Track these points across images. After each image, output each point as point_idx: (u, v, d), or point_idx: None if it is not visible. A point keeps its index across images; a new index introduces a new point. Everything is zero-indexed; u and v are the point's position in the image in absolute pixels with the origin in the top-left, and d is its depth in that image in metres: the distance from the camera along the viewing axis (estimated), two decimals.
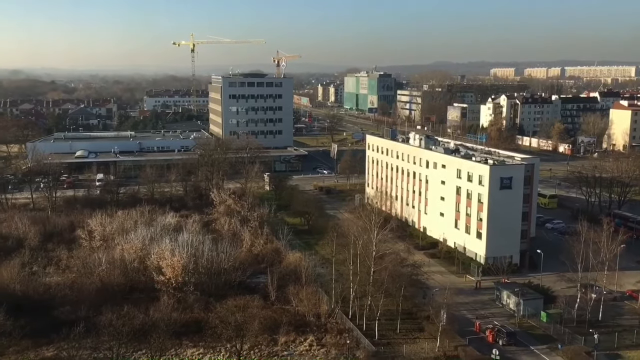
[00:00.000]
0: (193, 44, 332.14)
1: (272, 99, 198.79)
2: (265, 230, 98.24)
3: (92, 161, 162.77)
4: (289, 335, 66.05)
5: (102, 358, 57.21)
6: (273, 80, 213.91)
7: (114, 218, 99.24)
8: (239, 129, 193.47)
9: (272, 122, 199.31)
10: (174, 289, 75.27)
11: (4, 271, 77.73)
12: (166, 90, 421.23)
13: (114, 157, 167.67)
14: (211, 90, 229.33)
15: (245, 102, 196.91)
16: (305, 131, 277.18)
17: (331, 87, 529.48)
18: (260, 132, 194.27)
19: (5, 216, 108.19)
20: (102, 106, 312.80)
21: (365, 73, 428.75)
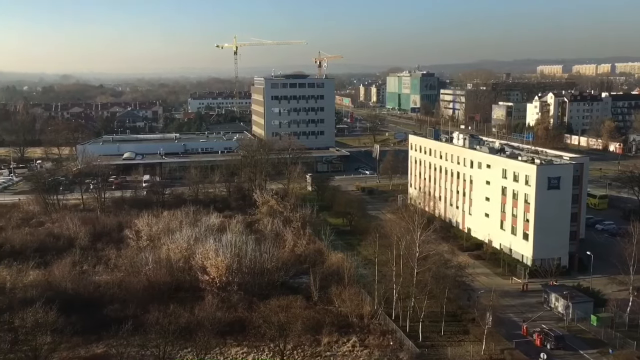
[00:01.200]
0: (236, 46, 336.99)
1: (314, 99, 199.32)
2: (308, 230, 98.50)
3: (139, 163, 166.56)
4: (331, 335, 66.00)
5: (150, 356, 58.29)
6: (315, 81, 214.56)
7: (160, 218, 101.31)
8: (281, 130, 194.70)
9: (314, 122, 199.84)
10: (218, 288, 76.25)
11: (56, 270, 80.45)
12: (210, 92, 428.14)
13: (159, 159, 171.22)
14: (254, 91, 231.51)
15: (287, 103, 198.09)
16: (347, 132, 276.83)
17: (373, 87, 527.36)
18: (302, 133, 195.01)
19: (57, 216, 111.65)
20: (148, 109, 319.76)
21: (408, 72, 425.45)
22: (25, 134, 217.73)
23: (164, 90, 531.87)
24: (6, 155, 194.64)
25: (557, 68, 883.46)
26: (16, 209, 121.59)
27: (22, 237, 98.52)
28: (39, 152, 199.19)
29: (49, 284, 75.92)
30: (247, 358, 62.08)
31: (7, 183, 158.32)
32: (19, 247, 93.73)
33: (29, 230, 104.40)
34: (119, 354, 56.94)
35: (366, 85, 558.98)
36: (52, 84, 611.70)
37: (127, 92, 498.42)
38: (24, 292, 73.44)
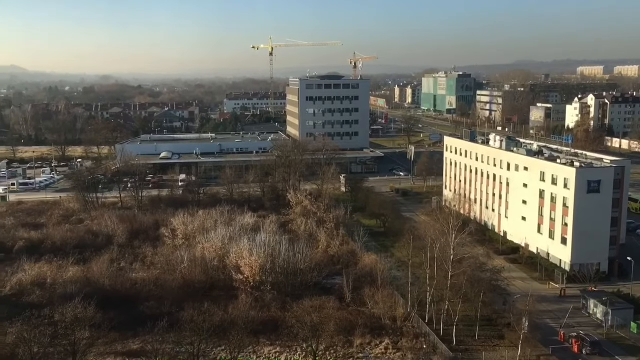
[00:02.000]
0: (271, 47, 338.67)
1: (349, 100, 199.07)
2: (341, 231, 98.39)
3: (175, 162, 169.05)
4: (364, 337, 65.79)
5: (184, 352, 59.02)
6: (349, 81, 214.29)
7: (195, 217, 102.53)
8: (316, 130, 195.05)
9: (348, 123, 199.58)
10: (252, 287, 76.81)
11: (95, 266, 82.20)
12: (245, 92, 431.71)
13: (195, 158, 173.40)
14: (288, 92, 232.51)
15: (321, 104, 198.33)
16: (382, 133, 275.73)
17: (408, 88, 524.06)
18: (337, 134, 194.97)
19: (96, 214, 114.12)
20: (185, 109, 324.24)
21: (444, 73, 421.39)
22: (66, 133, 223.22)
23: (200, 90, 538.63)
24: (48, 153, 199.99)
25: (597, 69, 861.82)
26: (57, 206, 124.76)
27: (63, 233, 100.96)
28: (79, 151, 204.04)
29: (87, 280, 77.59)
30: (279, 357, 62.38)
31: (49, 181, 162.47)
32: (59, 243, 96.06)
33: (69, 227, 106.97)
34: (154, 350, 57.83)
35: (401, 86, 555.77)
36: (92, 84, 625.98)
37: (165, 93, 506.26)
38: (63, 288, 75.18)
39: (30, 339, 56.43)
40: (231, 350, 59.33)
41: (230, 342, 59.53)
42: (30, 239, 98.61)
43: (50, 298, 73.20)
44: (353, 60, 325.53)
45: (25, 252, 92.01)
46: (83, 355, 56.79)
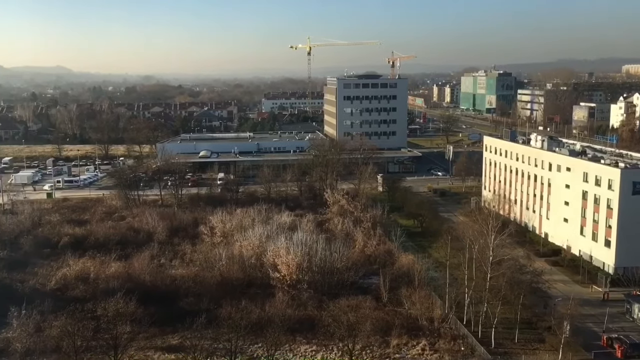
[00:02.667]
0: (309, 47, 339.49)
1: (387, 100, 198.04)
2: (378, 231, 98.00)
3: (214, 161, 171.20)
4: (401, 338, 65.41)
5: (222, 349, 59.76)
6: (387, 81, 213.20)
7: (233, 216, 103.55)
8: (353, 130, 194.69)
9: (386, 123, 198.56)
10: (289, 286, 77.19)
11: (136, 263, 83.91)
12: (283, 92, 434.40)
13: (234, 157, 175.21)
14: (326, 92, 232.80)
15: (359, 104, 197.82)
16: (420, 132, 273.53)
17: (447, 87, 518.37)
18: (374, 133, 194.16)
19: (137, 211, 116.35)
20: (224, 108, 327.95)
21: (483, 72, 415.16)
22: (109, 132, 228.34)
23: (239, 90, 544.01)
24: (92, 152, 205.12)
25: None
26: (100, 204, 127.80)
27: (105, 230, 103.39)
28: (121, 150, 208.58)
29: (129, 276, 79.18)
30: (316, 356, 62.55)
31: (93, 179, 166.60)
32: (102, 239, 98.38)
33: (112, 224, 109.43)
34: (192, 346, 58.66)
35: (440, 85, 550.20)
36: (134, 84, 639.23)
37: (204, 92, 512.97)
38: (106, 283, 76.96)
39: (74, 333, 57.93)
40: (268, 348, 59.77)
41: (267, 340, 59.95)
42: (75, 235, 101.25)
43: (93, 293, 75.08)
44: (391, 60, 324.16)
45: (70, 247, 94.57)
46: (124, 349, 57.98)
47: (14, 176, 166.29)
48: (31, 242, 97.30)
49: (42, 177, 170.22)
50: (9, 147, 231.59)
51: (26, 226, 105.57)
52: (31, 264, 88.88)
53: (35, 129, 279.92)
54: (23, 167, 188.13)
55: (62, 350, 57.80)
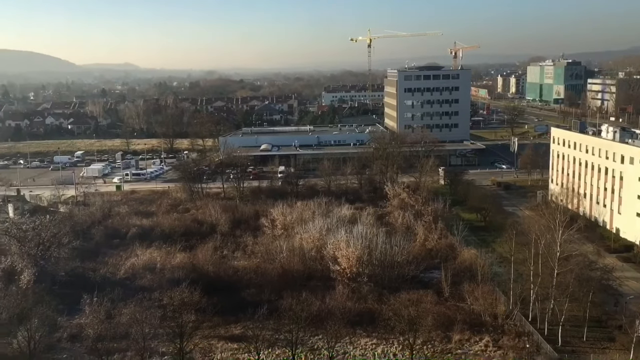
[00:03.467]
0: (370, 39, 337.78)
1: (449, 91, 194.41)
2: (440, 225, 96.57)
3: (275, 154, 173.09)
4: (463, 333, 64.28)
5: (283, 340, 60.55)
6: (449, 72, 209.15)
7: (293, 208, 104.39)
8: (414, 122, 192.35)
9: (447, 115, 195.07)
10: (349, 279, 77.20)
11: (200, 254, 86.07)
12: (343, 85, 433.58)
13: (294, 151, 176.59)
14: (386, 84, 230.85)
15: (420, 96, 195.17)
16: (483, 124, 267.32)
17: (512, 77, 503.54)
18: (436, 126, 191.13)
19: (200, 204, 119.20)
20: (284, 102, 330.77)
21: (551, 61, 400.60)
22: (174, 127, 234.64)
23: (299, 84, 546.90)
24: (158, 146, 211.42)
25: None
26: (166, 196, 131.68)
27: (171, 222, 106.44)
28: (186, 144, 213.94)
29: (193, 267, 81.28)
30: (376, 349, 62.34)
31: (158, 172, 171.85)
32: (168, 231, 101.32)
33: (177, 215, 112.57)
34: (254, 336, 59.61)
35: (504, 76, 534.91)
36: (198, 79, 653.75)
37: (265, 87, 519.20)
38: (171, 273, 79.25)
39: (142, 320, 60.08)
40: (328, 340, 60.03)
41: (328, 332, 60.20)
42: (142, 226, 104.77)
43: (159, 282, 77.46)
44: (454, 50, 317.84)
45: (138, 238, 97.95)
46: (189, 337, 59.60)
47: (86, 169, 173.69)
48: (102, 233, 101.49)
49: (112, 170, 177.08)
50: (81, 142, 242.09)
51: (97, 217, 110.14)
52: (102, 254, 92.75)
53: (105, 123, 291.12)
54: (94, 160, 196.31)
55: (131, 337, 60.03)
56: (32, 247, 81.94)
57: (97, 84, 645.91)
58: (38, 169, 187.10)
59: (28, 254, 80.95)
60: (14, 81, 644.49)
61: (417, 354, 60.36)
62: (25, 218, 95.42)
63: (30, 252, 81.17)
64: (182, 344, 58.31)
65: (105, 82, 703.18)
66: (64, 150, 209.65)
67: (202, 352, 61.39)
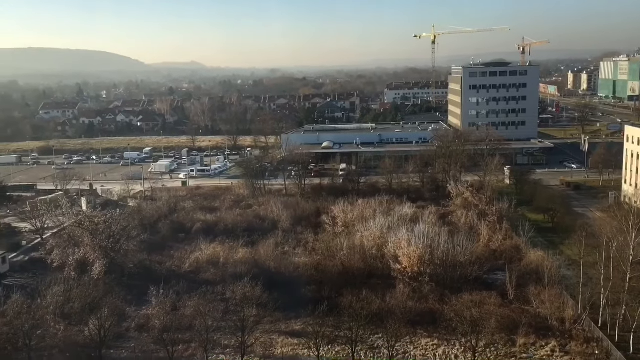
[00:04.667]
0: (434, 35, 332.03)
1: (516, 88, 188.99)
2: (505, 225, 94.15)
3: (336, 152, 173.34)
4: (528, 337, 62.38)
5: (342, 337, 60.59)
6: (517, 68, 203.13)
7: (354, 206, 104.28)
8: (479, 120, 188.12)
9: (514, 112, 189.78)
10: (410, 278, 76.39)
11: (262, 249, 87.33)
12: (406, 82, 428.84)
13: (356, 148, 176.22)
14: (451, 81, 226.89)
15: (486, 93, 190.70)
16: (552, 122, 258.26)
17: (583, 73, 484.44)
18: (502, 124, 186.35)
19: (263, 200, 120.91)
20: (346, 100, 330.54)
21: (626, 57, 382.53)
22: (238, 124, 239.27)
23: (362, 81, 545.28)
24: (222, 143, 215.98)
25: None
26: (229, 192, 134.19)
27: (234, 217, 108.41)
28: (249, 141, 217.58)
29: (255, 262, 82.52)
30: (437, 350, 61.44)
31: (222, 168, 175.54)
32: (231, 226, 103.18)
33: (239, 211, 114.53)
34: (314, 333, 59.95)
35: (575, 72, 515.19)
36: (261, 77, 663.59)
37: (327, 84, 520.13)
38: (234, 267, 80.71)
39: (205, 313, 61.66)
40: (388, 339, 59.66)
41: (388, 331, 59.84)
42: (207, 222, 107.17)
43: (222, 276, 79.08)
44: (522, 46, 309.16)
45: (202, 233, 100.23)
46: (251, 331, 60.58)
47: (153, 165, 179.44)
48: (168, 227, 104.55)
49: (178, 167, 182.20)
50: (150, 138, 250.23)
51: (164, 212, 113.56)
52: (168, 247, 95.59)
53: (172, 121, 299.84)
54: (161, 157, 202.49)
55: (194, 329, 61.64)
56: (104, 240, 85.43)
57: (165, 82, 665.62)
58: (109, 164, 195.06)
59: (99, 246, 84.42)
60: (88, 80, 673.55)
61: (479, 356, 59.07)
62: (97, 212, 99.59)
63: (101, 245, 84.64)
64: (244, 338, 59.34)
65: (173, 80, 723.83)
66: (133, 147, 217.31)
67: (263, 346, 62.22)
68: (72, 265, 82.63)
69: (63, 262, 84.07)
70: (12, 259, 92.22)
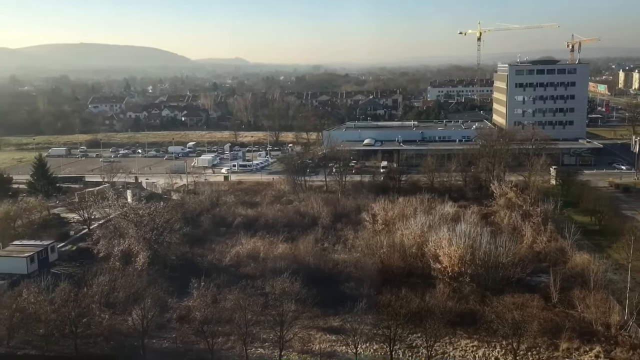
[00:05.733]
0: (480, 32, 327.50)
1: (564, 87, 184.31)
2: (549, 227, 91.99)
3: (377, 149, 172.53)
4: (571, 341, 60.85)
5: (381, 335, 60.29)
6: (565, 66, 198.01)
7: (395, 204, 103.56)
8: (524, 119, 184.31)
9: (562, 112, 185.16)
10: (450, 278, 75.47)
11: (301, 245, 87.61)
12: (450, 80, 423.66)
13: (397, 146, 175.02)
14: (496, 79, 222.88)
15: (532, 91, 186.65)
16: (601, 122, 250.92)
17: (635, 72, 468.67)
18: (548, 123, 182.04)
19: (303, 196, 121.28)
20: (389, 97, 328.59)
21: None
22: (280, 120, 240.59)
23: (404, 78, 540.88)
24: (264, 138, 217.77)
25: None
26: (270, 187, 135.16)
27: (274, 212, 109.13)
28: (290, 137, 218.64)
29: (294, 257, 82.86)
30: (477, 352, 60.58)
31: (264, 164, 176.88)
32: (271, 221, 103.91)
33: (280, 207, 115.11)
34: (352, 330, 59.89)
35: (627, 71, 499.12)
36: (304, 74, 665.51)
37: (370, 81, 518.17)
38: (274, 262, 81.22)
39: (245, 307, 62.27)
40: (427, 338, 59.13)
41: (427, 331, 59.29)
42: (247, 216, 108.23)
43: (262, 271, 79.71)
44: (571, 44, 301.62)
45: (243, 227, 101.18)
46: (289, 326, 60.89)
47: (196, 160, 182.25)
48: (210, 221, 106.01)
49: (220, 161, 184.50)
50: (193, 133, 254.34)
51: (206, 206, 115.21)
52: (209, 241, 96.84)
53: (215, 116, 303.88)
54: (204, 151, 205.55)
55: (234, 322, 62.34)
56: (147, 232, 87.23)
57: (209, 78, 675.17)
58: (154, 158, 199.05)
59: (143, 237, 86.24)
60: (135, 75, 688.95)
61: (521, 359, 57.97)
62: (141, 204, 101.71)
63: (145, 236, 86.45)
64: (282, 332, 59.74)
65: (217, 76, 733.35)
66: (177, 141, 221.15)
67: (301, 341, 62.53)
68: (117, 256, 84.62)
69: (108, 252, 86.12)
70: (60, 248, 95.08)
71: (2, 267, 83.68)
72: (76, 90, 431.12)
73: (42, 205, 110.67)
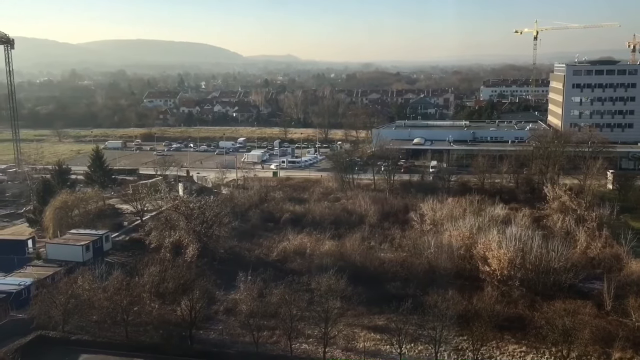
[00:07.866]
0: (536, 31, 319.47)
1: (624, 88, 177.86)
2: (605, 232, 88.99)
3: (427, 148, 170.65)
4: (624, 351, 58.71)
5: (426, 336, 59.76)
6: (626, 67, 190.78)
7: (444, 204, 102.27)
8: (581, 120, 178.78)
9: (621, 114, 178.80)
10: (499, 281, 74.08)
11: (348, 243, 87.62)
12: (504, 79, 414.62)
13: (447, 146, 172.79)
14: (552, 79, 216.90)
15: (590, 92, 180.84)
16: None
17: None
18: (606, 125, 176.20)
19: (351, 194, 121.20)
20: (440, 96, 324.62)
21: None
22: (329, 117, 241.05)
23: (457, 77, 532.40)
24: (313, 135, 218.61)
25: None
26: (318, 184, 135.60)
27: (322, 209, 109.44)
28: (339, 134, 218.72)
29: (340, 255, 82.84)
30: (525, 357, 59.29)
31: (313, 160, 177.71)
32: (319, 218, 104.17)
33: (327, 204, 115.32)
34: (397, 329, 59.50)
35: None
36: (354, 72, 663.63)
37: (421, 80, 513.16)
38: (320, 259, 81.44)
39: (290, 302, 62.76)
40: (474, 342, 58.21)
41: (473, 334, 58.36)
42: (295, 212, 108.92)
43: (308, 267, 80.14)
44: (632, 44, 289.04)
45: (290, 223, 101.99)
46: (334, 323, 61.03)
47: (246, 155, 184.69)
48: (258, 216, 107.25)
49: (270, 157, 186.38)
50: (244, 129, 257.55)
51: (254, 201, 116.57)
52: (257, 236, 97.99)
53: (265, 112, 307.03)
54: (254, 147, 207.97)
55: (279, 316, 62.93)
56: (197, 225, 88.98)
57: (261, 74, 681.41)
58: (205, 152, 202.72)
59: (193, 230, 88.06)
60: (189, 71, 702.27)
61: None
62: (192, 197, 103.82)
63: (195, 229, 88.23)
64: (327, 329, 59.94)
65: (268, 72, 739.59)
66: (228, 137, 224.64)
67: (346, 339, 62.56)
68: (168, 248, 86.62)
69: (160, 243, 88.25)
70: (114, 238, 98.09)
71: (59, 255, 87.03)
72: (132, 85, 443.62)
73: (98, 196, 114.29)
